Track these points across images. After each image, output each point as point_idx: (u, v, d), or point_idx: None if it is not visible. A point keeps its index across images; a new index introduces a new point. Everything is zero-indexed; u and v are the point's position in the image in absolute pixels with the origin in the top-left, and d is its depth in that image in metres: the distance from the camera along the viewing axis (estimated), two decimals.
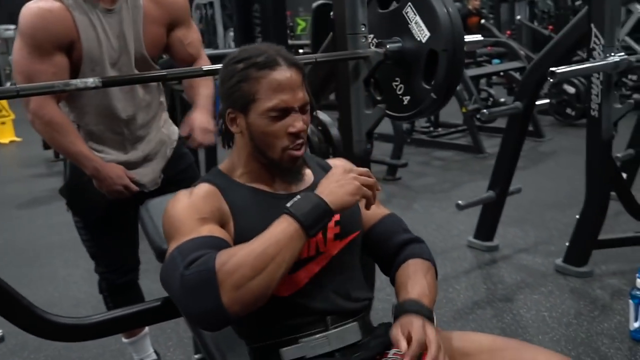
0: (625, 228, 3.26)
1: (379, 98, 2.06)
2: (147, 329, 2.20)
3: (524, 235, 3.46)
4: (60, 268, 3.45)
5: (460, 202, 3.10)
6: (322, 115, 2.36)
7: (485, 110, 2.79)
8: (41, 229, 4.16)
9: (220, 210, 1.24)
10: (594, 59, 2.56)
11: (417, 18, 1.89)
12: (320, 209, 1.13)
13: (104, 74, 1.73)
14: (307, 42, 5.56)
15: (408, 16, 1.92)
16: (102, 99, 1.76)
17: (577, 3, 12.10)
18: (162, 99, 1.94)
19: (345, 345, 1.26)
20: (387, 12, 2.00)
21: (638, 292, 2.29)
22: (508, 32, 8.98)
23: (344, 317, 1.28)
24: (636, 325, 2.29)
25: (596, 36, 2.54)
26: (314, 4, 4.98)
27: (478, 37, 5.78)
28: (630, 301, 2.31)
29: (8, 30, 12.51)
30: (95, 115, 1.80)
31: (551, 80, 2.32)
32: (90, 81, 1.47)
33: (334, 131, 2.33)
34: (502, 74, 6.62)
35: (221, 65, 1.31)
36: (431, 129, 6.16)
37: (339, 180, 1.17)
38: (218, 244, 1.15)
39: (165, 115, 1.97)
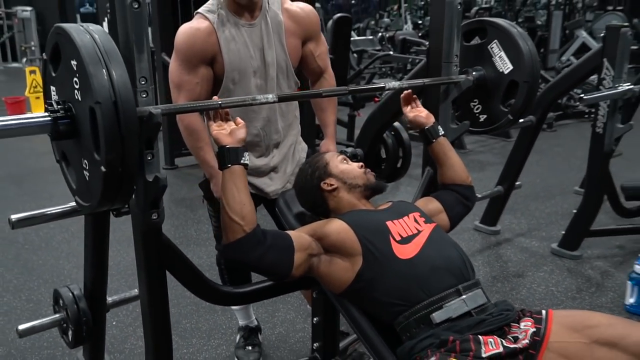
0: (598, 219, 3.47)
1: (456, 114, 2.15)
2: None
3: (518, 222, 3.64)
4: None
5: (477, 195, 3.23)
6: (396, 123, 2.45)
7: None
8: None
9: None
10: (604, 87, 2.71)
11: (502, 53, 1.98)
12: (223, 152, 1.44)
13: (246, 81, 1.78)
14: None
15: (493, 50, 2.01)
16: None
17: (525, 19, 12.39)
18: (297, 113, 1.95)
19: (478, 306, 1.42)
20: (471, 45, 2.09)
21: (635, 275, 2.49)
22: None
23: (470, 288, 1.44)
24: (632, 300, 2.49)
25: (607, 68, 2.69)
26: (334, 17, 5.00)
27: None
28: (628, 282, 2.51)
29: (25, 11, 12.10)
30: (237, 114, 1.81)
31: (579, 104, 2.45)
32: (270, 97, 1.52)
33: (405, 135, 2.43)
34: None
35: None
36: None
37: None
38: None
39: (298, 128, 1.97)
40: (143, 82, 1.37)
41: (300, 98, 1.76)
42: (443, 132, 1.81)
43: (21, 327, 1.90)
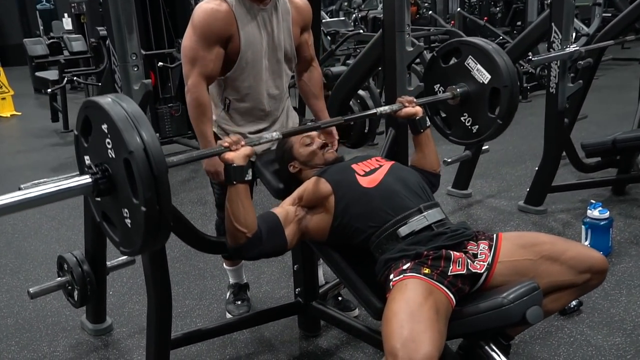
0: (564, 178, 3.88)
1: (448, 132, 2.35)
2: (242, 261, 2.55)
3: (489, 185, 4.03)
4: None
5: (446, 159, 3.61)
6: (361, 92, 2.81)
7: None
8: None
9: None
10: (554, 50, 3.09)
11: (478, 66, 2.19)
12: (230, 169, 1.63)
13: (257, 61, 2.05)
14: None
15: (469, 66, 2.21)
16: (254, 83, 2.08)
17: None
18: (286, 86, 2.24)
19: (437, 221, 1.76)
20: (449, 66, 2.30)
21: (587, 220, 2.89)
22: (452, 22, 9.46)
23: (430, 207, 1.79)
24: (587, 243, 2.88)
25: (556, 32, 3.07)
26: None
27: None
28: (582, 226, 2.90)
29: None
30: (247, 95, 2.11)
31: (528, 65, 2.83)
32: (274, 134, 1.74)
33: (370, 102, 2.79)
34: None
35: None
36: None
37: None
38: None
39: (289, 102, 2.30)
40: (134, 58, 1.72)
41: (305, 131, 1.99)
42: (429, 124, 2.08)
43: (32, 289, 2.26)
